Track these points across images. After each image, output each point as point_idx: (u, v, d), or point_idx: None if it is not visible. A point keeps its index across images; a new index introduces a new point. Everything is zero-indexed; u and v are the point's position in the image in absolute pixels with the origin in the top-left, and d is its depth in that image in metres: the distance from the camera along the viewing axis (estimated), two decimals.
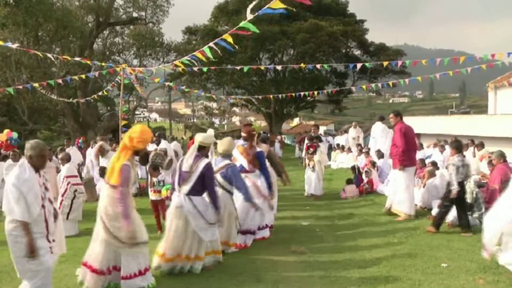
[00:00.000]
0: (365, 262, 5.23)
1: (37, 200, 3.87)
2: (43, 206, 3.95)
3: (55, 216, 4.17)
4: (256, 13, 5.44)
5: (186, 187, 4.93)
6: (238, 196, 5.80)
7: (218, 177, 5.52)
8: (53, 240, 4.09)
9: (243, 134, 6.61)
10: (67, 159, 7.86)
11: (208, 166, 4.97)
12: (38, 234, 3.89)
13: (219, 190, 5.47)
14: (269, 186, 6.40)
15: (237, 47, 6.80)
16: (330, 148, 18.09)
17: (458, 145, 6.55)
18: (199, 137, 5.13)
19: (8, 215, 3.89)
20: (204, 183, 4.94)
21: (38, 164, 4.01)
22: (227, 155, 5.69)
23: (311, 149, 9.98)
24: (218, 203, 5.05)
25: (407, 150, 7.43)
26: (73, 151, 12.21)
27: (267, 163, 6.66)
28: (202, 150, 5.10)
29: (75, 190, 7.45)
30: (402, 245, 5.91)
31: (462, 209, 6.35)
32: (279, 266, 5.23)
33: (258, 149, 6.60)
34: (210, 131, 5.39)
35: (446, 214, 6.47)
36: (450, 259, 5.17)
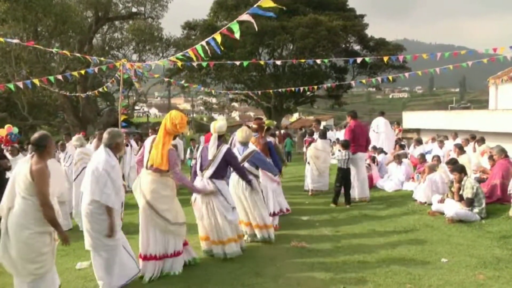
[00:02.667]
0: (365, 257, 5.23)
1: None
2: None
3: None
4: (246, 13, 5.41)
5: (209, 171, 5.32)
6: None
7: (246, 165, 5.97)
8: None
9: (254, 126, 7.27)
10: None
11: (229, 151, 5.44)
12: (116, 213, 4.23)
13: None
14: (280, 171, 7.03)
15: (222, 48, 6.81)
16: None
17: (345, 144, 8.39)
18: (216, 127, 5.49)
19: (89, 196, 4.15)
20: (227, 166, 5.46)
21: (121, 151, 4.46)
22: (245, 142, 6.15)
23: (306, 144, 10.12)
24: (247, 177, 5.69)
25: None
26: (71, 146, 12.13)
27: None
28: (221, 138, 5.57)
29: None
30: (402, 240, 5.92)
31: (347, 188, 8.42)
32: (279, 260, 5.24)
33: (268, 139, 7.36)
34: (222, 119, 6.08)
35: (339, 190, 8.49)
36: (450, 254, 5.17)
